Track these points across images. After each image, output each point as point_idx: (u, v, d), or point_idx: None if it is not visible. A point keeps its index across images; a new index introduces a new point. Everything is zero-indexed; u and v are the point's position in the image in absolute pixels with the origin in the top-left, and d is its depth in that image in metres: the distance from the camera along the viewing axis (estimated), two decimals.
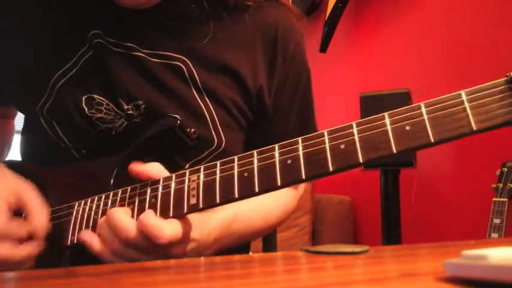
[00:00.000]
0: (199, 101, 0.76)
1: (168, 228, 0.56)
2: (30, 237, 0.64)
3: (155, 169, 0.63)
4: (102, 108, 0.75)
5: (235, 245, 0.73)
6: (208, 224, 0.65)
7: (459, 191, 2.00)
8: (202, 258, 0.56)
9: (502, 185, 1.69)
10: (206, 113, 0.76)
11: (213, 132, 0.77)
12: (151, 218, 0.58)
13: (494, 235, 1.62)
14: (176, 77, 0.76)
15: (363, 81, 2.48)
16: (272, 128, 0.84)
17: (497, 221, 1.64)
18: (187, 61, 0.76)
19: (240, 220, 0.72)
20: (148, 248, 0.57)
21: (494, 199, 1.69)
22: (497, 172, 1.72)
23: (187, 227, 0.60)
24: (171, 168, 0.64)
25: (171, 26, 0.77)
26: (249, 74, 0.79)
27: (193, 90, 0.76)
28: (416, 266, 0.41)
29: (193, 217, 0.61)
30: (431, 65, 2.11)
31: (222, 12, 0.79)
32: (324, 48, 2.52)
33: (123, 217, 0.59)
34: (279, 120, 0.84)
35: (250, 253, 0.89)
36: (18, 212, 0.65)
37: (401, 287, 0.31)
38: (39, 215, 0.65)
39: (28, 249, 0.63)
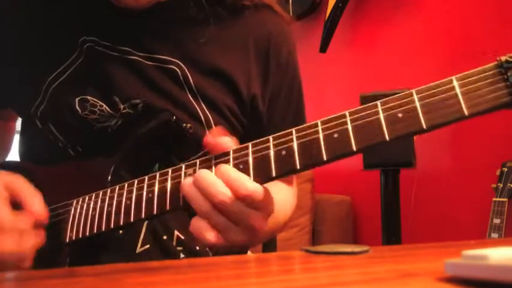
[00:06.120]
0: (194, 104, 0.77)
1: (251, 182, 0.53)
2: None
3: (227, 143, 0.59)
4: (96, 109, 0.75)
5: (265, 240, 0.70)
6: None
7: (459, 191, 2.00)
8: (200, 259, 0.56)
9: (502, 185, 1.69)
10: (201, 116, 0.77)
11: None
12: (232, 171, 0.54)
13: (494, 235, 1.62)
14: (171, 80, 0.76)
15: (363, 81, 2.48)
16: (267, 135, 0.84)
17: (497, 221, 1.64)
18: (182, 65, 0.77)
19: (275, 215, 0.70)
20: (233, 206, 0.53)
21: (494, 199, 1.69)
22: (497, 172, 1.72)
23: (268, 195, 0.55)
24: (167, 168, 0.64)
25: (167, 29, 0.78)
26: (242, 81, 0.80)
27: (188, 94, 0.77)
28: (416, 266, 0.41)
29: None
30: (431, 65, 2.11)
31: (220, 13, 0.79)
32: (324, 48, 2.52)
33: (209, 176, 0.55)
34: (274, 128, 0.83)
35: (249, 253, 0.89)
36: (13, 205, 0.64)
37: (401, 287, 0.31)
38: (35, 202, 0.63)
39: (32, 241, 0.62)
